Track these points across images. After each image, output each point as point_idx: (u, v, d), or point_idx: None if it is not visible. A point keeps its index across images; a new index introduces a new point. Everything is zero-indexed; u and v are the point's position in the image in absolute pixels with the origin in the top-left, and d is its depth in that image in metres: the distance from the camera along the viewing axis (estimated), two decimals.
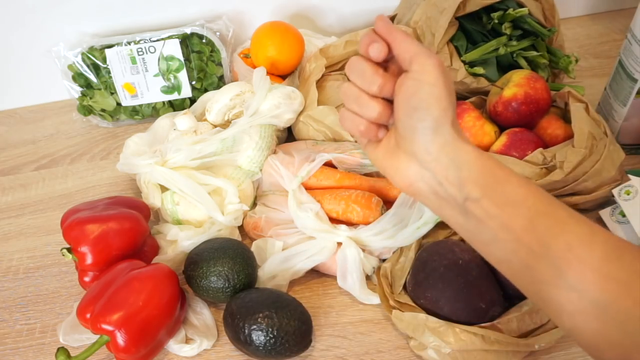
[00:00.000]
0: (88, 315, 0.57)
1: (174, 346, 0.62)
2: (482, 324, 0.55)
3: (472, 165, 0.42)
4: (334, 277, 0.66)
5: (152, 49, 0.88)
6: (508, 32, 0.81)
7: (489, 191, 0.41)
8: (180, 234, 0.69)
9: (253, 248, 0.69)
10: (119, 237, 0.64)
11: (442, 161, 0.42)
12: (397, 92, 0.43)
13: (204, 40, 0.90)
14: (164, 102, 0.93)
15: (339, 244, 0.65)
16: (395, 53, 0.44)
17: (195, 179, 0.71)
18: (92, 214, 0.65)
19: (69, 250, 0.63)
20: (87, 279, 0.65)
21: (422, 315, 0.57)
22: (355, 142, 0.76)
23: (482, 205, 0.41)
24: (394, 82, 0.44)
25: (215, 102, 0.78)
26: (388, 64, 0.47)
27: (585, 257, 0.38)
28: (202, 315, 0.65)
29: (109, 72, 0.90)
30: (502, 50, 0.81)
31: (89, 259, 0.63)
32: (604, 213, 0.68)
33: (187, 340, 0.63)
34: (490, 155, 0.44)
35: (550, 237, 0.40)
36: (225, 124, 0.79)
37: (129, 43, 0.88)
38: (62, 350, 0.55)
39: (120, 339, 0.56)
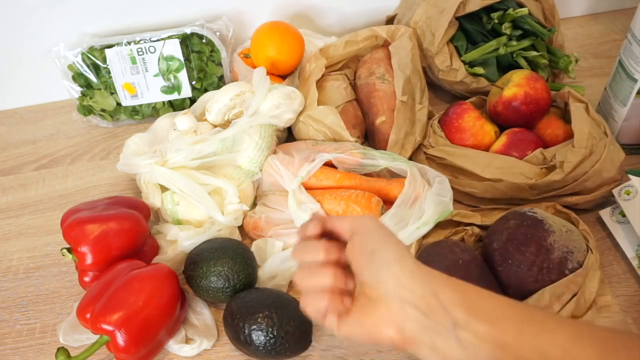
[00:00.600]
0: (88, 315, 0.57)
1: (174, 346, 0.62)
2: None
3: (446, 288, 0.41)
4: None
5: (152, 49, 0.88)
6: (508, 32, 0.81)
7: (472, 310, 0.40)
8: (180, 234, 0.69)
9: (253, 248, 0.69)
10: (119, 237, 0.64)
11: (418, 291, 0.41)
12: (350, 251, 0.44)
13: (204, 40, 0.90)
14: (164, 102, 0.93)
15: None
16: (336, 231, 0.46)
17: (195, 179, 0.71)
18: (92, 214, 0.65)
19: (69, 250, 0.63)
20: (87, 279, 0.65)
21: None
22: (355, 141, 0.76)
23: (472, 327, 0.40)
24: (337, 249, 0.45)
25: (215, 102, 0.78)
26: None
27: (582, 358, 0.38)
28: (202, 315, 0.65)
29: (109, 72, 0.90)
30: (502, 50, 0.81)
31: (89, 259, 0.63)
32: (604, 213, 0.68)
33: (187, 340, 0.63)
34: (455, 278, 0.43)
35: (544, 342, 0.38)
36: (225, 124, 0.79)
37: (129, 43, 0.88)
38: (62, 350, 0.55)
39: (120, 339, 0.56)
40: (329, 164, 0.73)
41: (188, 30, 0.89)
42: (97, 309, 0.57)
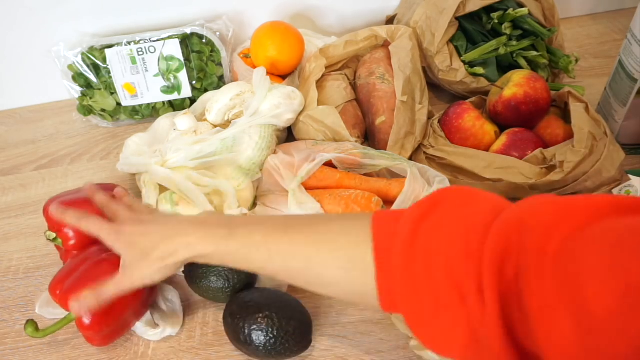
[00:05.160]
0: (58, 292, 0.59)
1: (141, 328, 0.64)
2: None
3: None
4: None
5: (152, 49, 0.88)
6: (508, 32, 0.81)
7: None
8: None
9: None
10: (102, 215, 0.65)
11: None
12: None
13: (204, 40, 0.90)
14: (164, 102, 0.93)
15: None
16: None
17: (195, 180, 0.71)
18: (74, 197, 0.67)
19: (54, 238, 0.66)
20: None
21: None
22: (356, 141, 0.76)
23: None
24: None
25: (215, 102, 0.78)
26: None
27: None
28: (172, 304, 0.66)
29: (109, 72, 0.90)
30: (502, 50, 0.81)
31: (72, 240, 0.65)
32: None
33: (155, 325, 0.65)
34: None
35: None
36: (225, 124, 0.79)
37: (129, 43, 0.88)
38: (31, 322, 0.58)
39: (85, 317, 0.58)
40: (329, 164, 0.73)
41: (188, 30, 0.89)
42: (66, 286, 0.59)
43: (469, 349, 0.38)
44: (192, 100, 0.92)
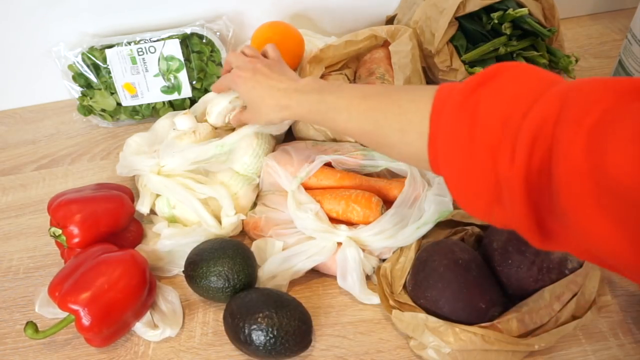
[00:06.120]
0: (57, 294, 0.59)
1: (141, 329, 0.64)
2: (482, 324, 0.55)
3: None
4: (334, 277, 0.66)
5: (152, 49, 0.88)
6: (508, 32, 0.81)
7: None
8: (165, 230, 0.70)
9: (253, 248, 0.69)
10: (106, 215, 0.67)
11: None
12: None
13: (204, 40, 0.90)
14: (164, 102, 0.93)
15: (339, 243, 0.65)
16: None
17: (191, 189, 0.70)
18: (79, 195, 0.68)
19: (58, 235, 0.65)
20: None
21: (422, 315, 0.57)
22: (355, 142, 0.76)
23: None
24: None
25: (215, 105, 0.77)
26: None
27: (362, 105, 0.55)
28: (172, 304, 0.66)
29: (109, 72, 0.90)
30: (502, 50, 0.81)
31: (77, 237, 0.65)
32: None
33: (155, 326, 0.65)
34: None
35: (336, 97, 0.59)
36: (226, 126, 0.79)
37: (129, 43, 0.88)
38: (30, 324, 0.58)
39: (85, 318, 0.58)
40: (329, 164, 0.73)
41: (188, 30, 0.89)
42: (65, 288, 0.59)
43: (492, 206, 0.42)
44: (192, 100, 0.92)
